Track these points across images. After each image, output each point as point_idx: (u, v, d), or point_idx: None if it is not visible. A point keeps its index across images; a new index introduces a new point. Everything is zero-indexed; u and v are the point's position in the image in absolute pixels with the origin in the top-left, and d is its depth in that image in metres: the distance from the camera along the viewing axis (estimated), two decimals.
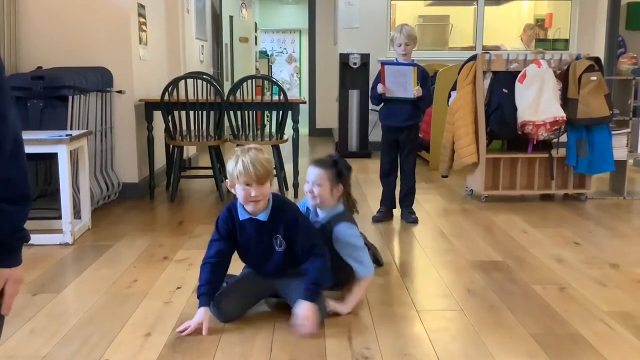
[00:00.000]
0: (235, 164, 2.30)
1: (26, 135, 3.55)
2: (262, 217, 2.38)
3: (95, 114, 4.33)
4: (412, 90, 3.90)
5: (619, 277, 3.04)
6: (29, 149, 3.49)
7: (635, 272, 3.11)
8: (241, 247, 2.51)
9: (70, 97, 3.97)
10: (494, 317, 2.54)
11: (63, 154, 3.50)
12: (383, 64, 3.95)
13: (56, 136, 3.52)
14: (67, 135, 3.55)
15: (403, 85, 3.92)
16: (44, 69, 4.31)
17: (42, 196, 4.35)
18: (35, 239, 3.51)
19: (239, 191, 2.33)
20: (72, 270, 3.17)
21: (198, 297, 2.41)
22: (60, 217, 3.59)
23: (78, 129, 4.02)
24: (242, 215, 2.40)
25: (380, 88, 3.95)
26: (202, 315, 2.35)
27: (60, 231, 3.56)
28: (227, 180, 2.39)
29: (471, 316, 2.54)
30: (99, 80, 4.34)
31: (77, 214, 3.85)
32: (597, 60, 4.59)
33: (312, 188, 2.63)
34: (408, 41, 3.94)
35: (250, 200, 2.32)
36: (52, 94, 3.96)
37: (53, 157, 3.62)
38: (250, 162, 2.26)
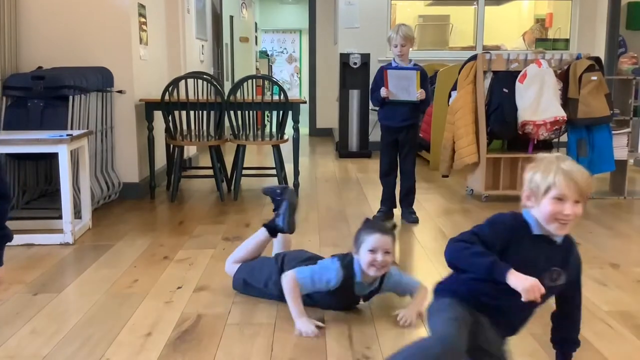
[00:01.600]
0: (551, 172, 1.78)
1: (27, 135, 3.58)
2: (559, 238, 1.85)
3: (95, 113, 4.33)
4: (416, 94, 3.89)
5: (619, 276, 3.04)
6: (29, 149, 3.55)
7: (635, 271, 3.11)
8: None
9: (70, 97, 3.97)
10: None
11: (63, 153, 3.50)
12: (385, 69, 3.93)
13: (57, 136, 3.52)
14: (67, 135, 3.56)
15: (406, 89, 3.91)
16: (45, 69, 4.31)
17: (43, 196, 4.36)
18: (35, 238, 3.52)
19: (545, 205, 1.78)
20: (73, 270, 3.18)
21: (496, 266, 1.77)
22: (60, 217, 3.59)
23: (78, 128, 4.02)
24: (536, 229, 1.84)
25: (383, 92, 3.94)
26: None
27: (60, 231, 3.56)
28: (524, 190, 1.86)
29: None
30: (99, 80, 4.35)
31: (77, 213, 3.85)
32: (597, 60, 4.59)
33: (383, 257, 2.40)
34: (404, 42, 3.93)
35: (561, 218, 1.77)
36: (53, 93, 3.96)
37: (53, 157, 3.62)
38: (576, 170, 1.81)
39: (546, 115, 4.43)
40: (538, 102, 4.44)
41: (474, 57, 4.68)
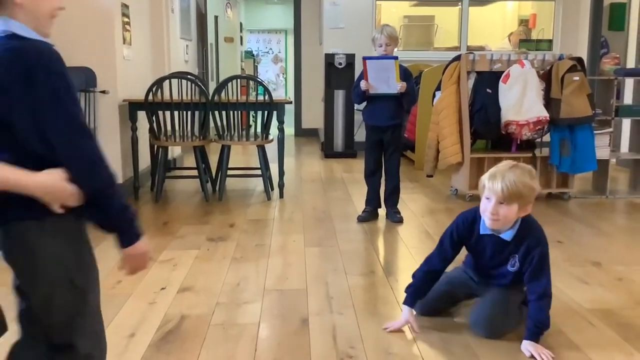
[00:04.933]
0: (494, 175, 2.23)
1: None
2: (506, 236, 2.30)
3: None
4: (396, 85, 3.89)
5: (601, 274, 3.07)
6: None
7: (616, 269, 3.14)
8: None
9: None
10: None
11: None
12: (365, 58, 3.94)
13: None
14: None
15: (386, 81, 3.91)
16: None
17: None
18: None
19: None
20: None
21: (405, 292, 2.44)
22: None
23: None
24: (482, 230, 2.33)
25: (363, 84, 3.94)
26: (407, 314, 2.39)
27: None
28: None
29: (455, 315, 2.56)
30: (82, 81, 4.31)
31: None
32: (579, 60, 4.63)
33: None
34: (389, 41, 3.94)
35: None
36: None
37: None
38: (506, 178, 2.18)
39: (529, 115, 4.46)
40: (521, 102, 4.48)
41: (458, 58, 4.71)
